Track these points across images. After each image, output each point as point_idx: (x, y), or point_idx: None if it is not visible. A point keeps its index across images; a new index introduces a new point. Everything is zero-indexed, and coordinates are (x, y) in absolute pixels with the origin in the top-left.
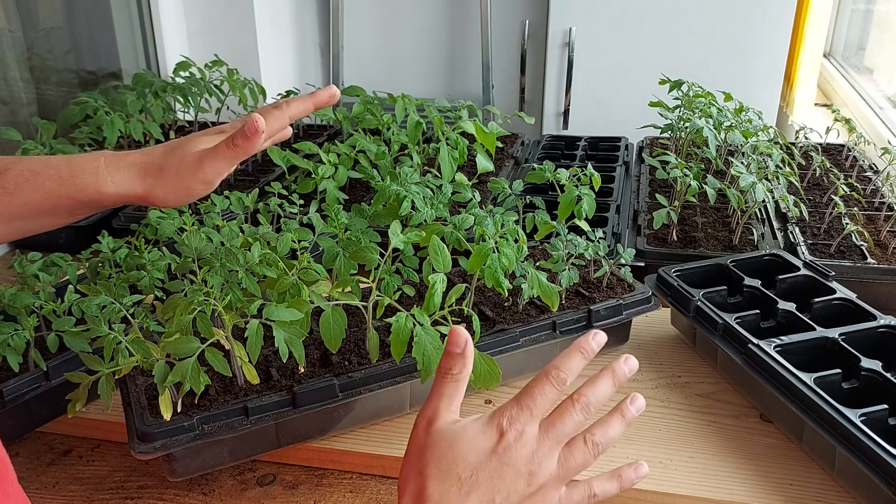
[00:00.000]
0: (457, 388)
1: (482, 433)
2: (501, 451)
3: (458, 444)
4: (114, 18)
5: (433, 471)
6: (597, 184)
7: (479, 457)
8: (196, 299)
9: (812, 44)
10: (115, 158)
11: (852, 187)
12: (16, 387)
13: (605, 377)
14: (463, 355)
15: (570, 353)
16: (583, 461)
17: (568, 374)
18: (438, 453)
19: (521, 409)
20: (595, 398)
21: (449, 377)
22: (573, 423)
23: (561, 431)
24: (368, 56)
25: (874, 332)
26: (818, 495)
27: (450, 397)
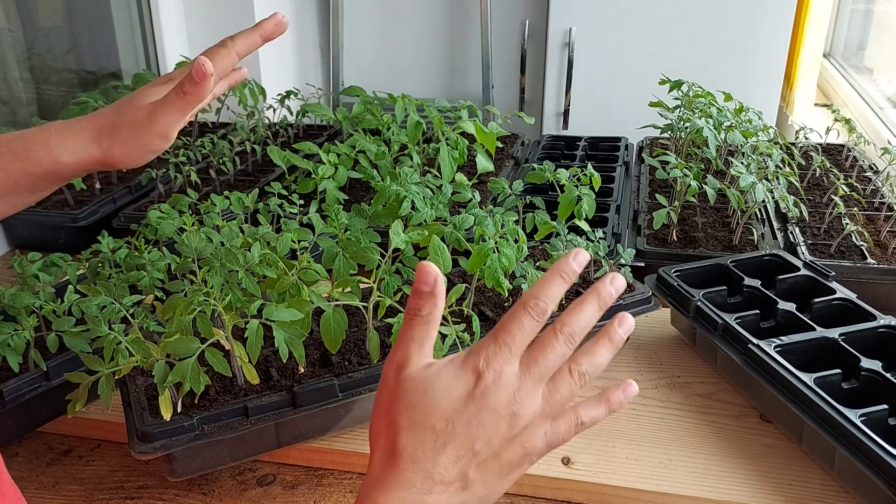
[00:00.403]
0: (427, 330)
1: (457, 377)
2: (479, 396)
3: (431, 392)
4: (114, 18)
5: (405, 422)
6: (597, 184)
7: (455, 404)
8: (196, 299)
9: (812, 44)
10: (66, 126)
11: (852, 187)
12: (16, 387)
13: (590, 301)
14: (433, 293)
15: (549, 279)
16: (569, 394)
17: (548, 303)
18: (410, 403)
19: (498, 346)
20: (580, 326)
21: (418, 319)
22: (556, 355)
23: (543, 366)
24: (368, 56)
25: (874, 332)
26: (818, 495)
27: (420, 341)
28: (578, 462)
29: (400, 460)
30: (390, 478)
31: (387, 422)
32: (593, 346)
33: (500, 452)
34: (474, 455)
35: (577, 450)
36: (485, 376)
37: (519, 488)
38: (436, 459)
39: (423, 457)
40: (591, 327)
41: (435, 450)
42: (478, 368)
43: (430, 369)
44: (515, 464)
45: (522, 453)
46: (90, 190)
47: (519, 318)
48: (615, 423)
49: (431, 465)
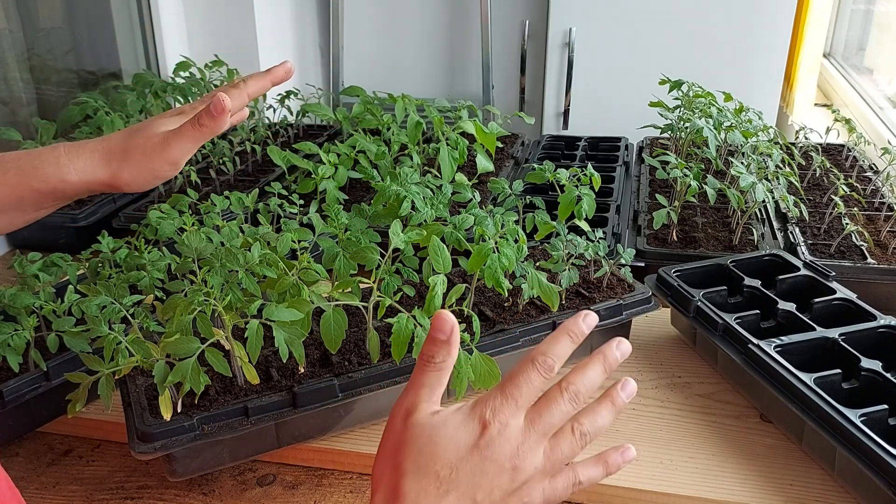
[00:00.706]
0: (439, 377)
1: (463, 426)
2: (484, 446)
3: (438, 439)
4: (114, 18)
5: (410, 467)
6: (597, 184)
7: (460, 452)
8: (196, 299)
9: (812, 44)
10: (76, 147)
11: (852, 187)
12: (16, 387)
13: (596, 363)
14: (448, 343)
15: (557, 337)
16: (570, 452)
17: (555, 360)
18: (416, 448)
19: (505, 399)
20: (584, 387)
21: (431, 366)
22: (560, 413)
23: (548, 423)
24: (368, 56)
25: (874, 332)
26: (818, 495)
27: (431, 388)
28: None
29: (401, 502)
30: None
31: (391, 465)
32: (596, 406)
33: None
34: (475, 503)
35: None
36: (490, 427)
37: None
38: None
39: (426, 500)
40: (596, 388)
41: (438, 496)
42: (484, 419)
43: (438, 416)
44: None
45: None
46: None
47: (527, 373)
48: (615, 423)
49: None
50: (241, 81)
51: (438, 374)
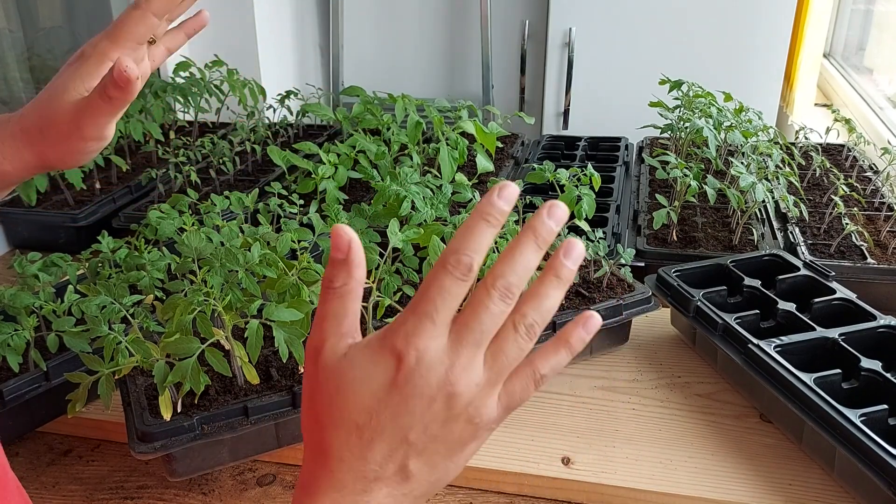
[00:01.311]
0: (343, 305)
1: (374, 364)
2: (402, 382)
3: (348, 384)
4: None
5: (326, 419)
6: (597, 184)
7: (376, 395)
8: (196, 299)
9: (812, 44)
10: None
11: (852, 187)
12: (16, 387)
13: (525, 241)
14: (347, 262)
15: (470, 225)
16: (517, 353)
17: (473, 256)
18: (328, 398)
19: (418, 319)
20: (516, 276)
21: (331, 292)
22: (492, 316)
23: (478, 331)
24: (368, 56)
25: (874, 332)
26: (818, 495)
27: (336, 318)
28: (578, 462)
29: (328, 460)
30: (320, 480)
31: (311, 418)
32: (538, 287)
33: (441, 436)
34: (410, 445)
35: (577, 450)
36: (406, 357)
37: (519, 488)
38: (364, 457)
39: (350, 455)
40: (530, 274)
41: (361, 447)
42: (397, 349)
43: (346, 357)
44: (467, 438)
45: (472, 428)
46: (90, 190)
47: (439, 280)
48: (615, 423)
49: (361, 463)
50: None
51: (342, 301)
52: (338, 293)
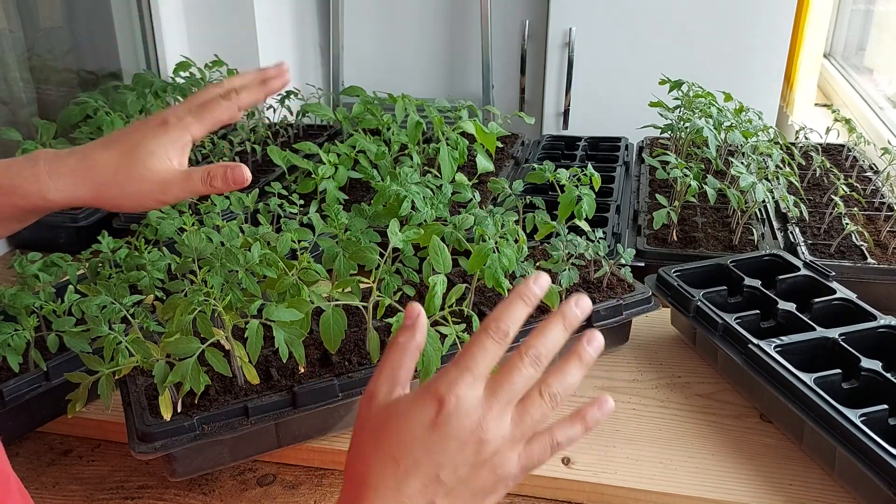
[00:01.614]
0: (402, 359)
1: (416, 405)
2: (441, 423)
3: (391, 421)
4: (114, 18)
5: (369, 451)
6: (597, 184)
7: (415, 432)
8: (196, 299)
9: (812, 44)
10: (58, 162)
11: (852, 187)
12: (16, 387)
13: (555, 322)
14: (413, 327)
15: (510, 302)
16: (540, 416)
17: (510, 325)
18: (373, 432)
19: (460, 371)
20: (546, 348)
21: (394, 346)
22: (523, 378)
23: (510, 390)
24: (368, 56)
25: (874, 332)
26: (818, 495)
27: (392, 369)
28: (578, 462)
29: (365, 490)
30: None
31: (356, 451)
32: (563, 365)
33: (468, 480)
34: (440, 484)
35: (577, 450)
36: (446, 402)
37: (519, 488)
38: (399, 489)
39: (386, 487)
40: (557, 349)
41: (397, 479)
42: (439, 394)
43: (394, 401)
44: (489, 489)
45: (494, 479)
46: None
47: (480, 341)
48: (615, 424)
49: (395, 495)
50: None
51: (401, 355)
52: (401, 347)
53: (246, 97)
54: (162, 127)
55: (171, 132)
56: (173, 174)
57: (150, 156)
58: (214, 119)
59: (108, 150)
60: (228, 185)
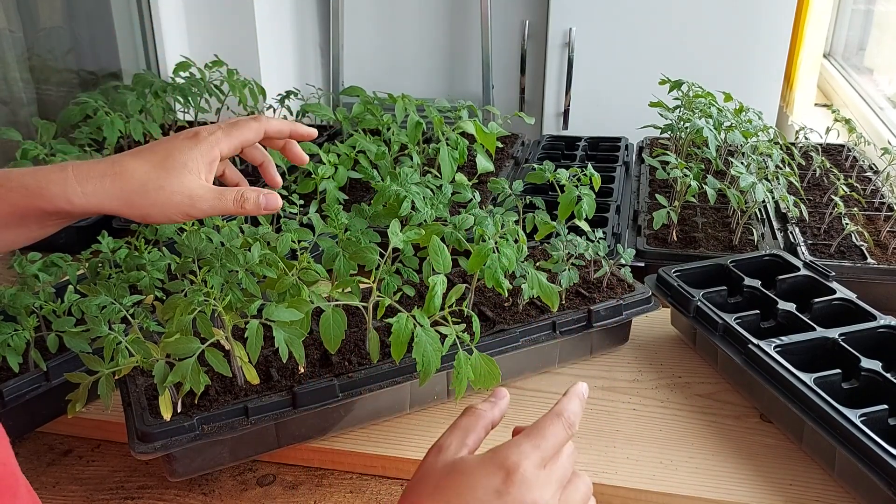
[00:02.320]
0: (475, 423)
1: (484, 469)
2: (505, 492)
3: (456, 476)
4: (114, 18)
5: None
6: (597, 184)
7: (477, 493)
8: (196, 299)
9: (812, 44)
10: (86, 169)
11: (852, 187)
12: (16, 387)
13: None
14: (495, 404)
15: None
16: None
17: (576, 420)
18: (436, 483)
19: (533, 448)
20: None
21: (471, 411)
22: (571, 463)
23: (562, 474)
24: (368, 56)
25: (874, 333)
26: (818, 495)
27: (465, 430)
28: (579, 462)
29: None
30: None
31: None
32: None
33: None
34: None
35: (578, 450)
36: (515, 475)
37: None
38: None
39: None
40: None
41: None
42: (508, 464)
43: (462, 459)
44: None
45: None
46: None
47: (554, 425)
48: (615, 424)
49: None
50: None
51: (477, 420)
52: (478, 413)
53: (274, 125)
54: (193, 140)
55: (201, 145)
56: (204, 190)
57: (182, 167)
58: (243, 137)
59: (138, 159)
60: (259, 211)
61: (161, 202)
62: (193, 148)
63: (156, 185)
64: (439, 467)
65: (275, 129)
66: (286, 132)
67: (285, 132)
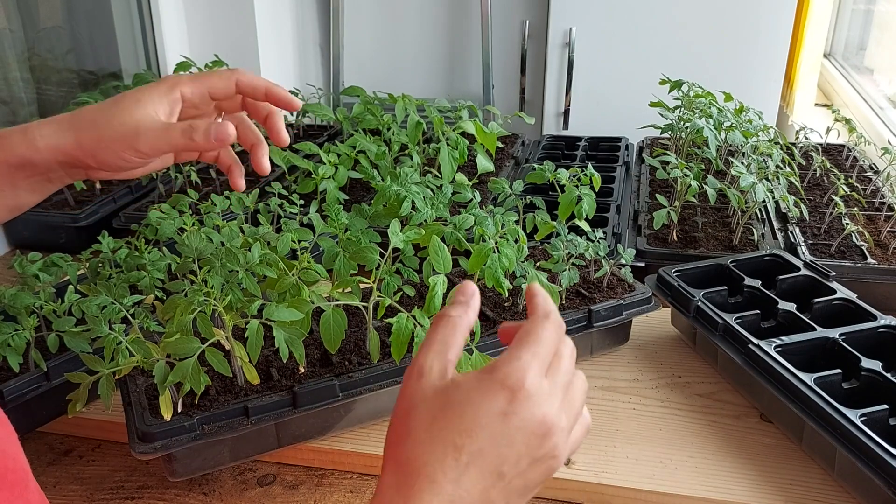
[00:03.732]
0: (454, 332)
1: (484, 391)
2: (513, 412)
3: (455, 404)
4: (114, 18)
5: (423, 436)
6: (597, 184)
7: (482, 420)
8: (196, 299)
9: (812, 44)
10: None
11: (852, 187)
12: (16, 387)
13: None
14: (466, 303)
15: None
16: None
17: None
18: (430, 415)
19: (531, 358)
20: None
21: (445, 319)
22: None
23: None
24: (368, 56)
25: (874, 332)
26: (818, 495)
27: (444, 343)
28: (579, 462)
29: (416, 479)
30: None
31: (401, 433)
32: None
33: (526, 472)
34: (500, 477)
35: (578, 450)
36: (520, 392)
37: None
38: (458, 481)
39: (443, 477)
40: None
41: (457, 470)
42: (511, 383)
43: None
44: (538, 483)
45: (546, 472)
46: (90, 190)
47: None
48: (615, 423)
49: (453, 486)
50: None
51: (454, 329)
52: (452, 321)
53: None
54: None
55: (161, 85)
56: (153, 122)
57: (134, 103)
58: (210, 83)
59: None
60: (209, 141)
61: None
62: (153, 87)
63: (105, 119)
64: (429, 396)
65: (247, 81)
66: (261, 88)
67: (260, 88)
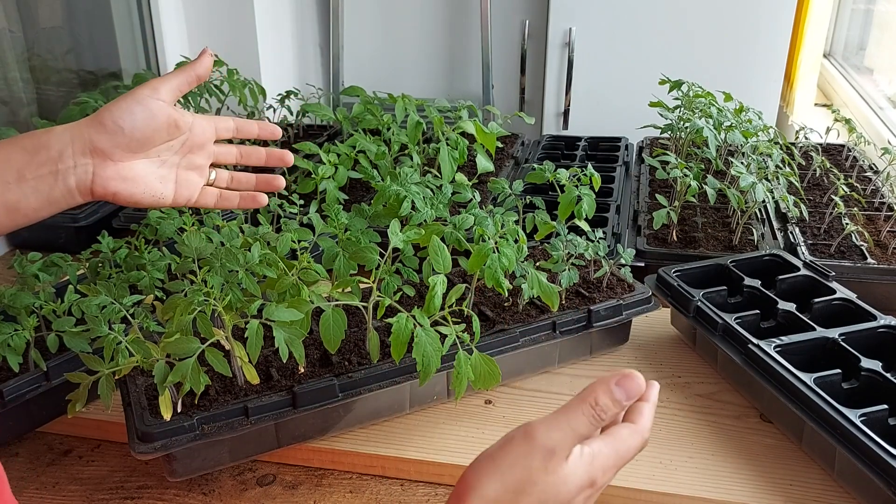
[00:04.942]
0: (592, 427)
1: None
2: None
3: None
4: (114, 18)
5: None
6: (597, 184)
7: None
8: (196, 299)
9: (812, 44)
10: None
11: (852, 187)
12: (16, 387)
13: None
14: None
15: (651, 411)
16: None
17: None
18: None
19: (614, 465)
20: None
21: (593, 413)
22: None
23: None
24: (368, 56)
25: (874, 333)
26: (818, 495)
27: (576, 433)
28: None
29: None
30: None
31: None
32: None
33: None
34: None
35: None
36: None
37: None
38: None
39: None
40: None
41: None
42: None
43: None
44: None
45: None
46: None
47: (636, 442)
48: None
49: None
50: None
51: (595, 424)
52: (598, 417)
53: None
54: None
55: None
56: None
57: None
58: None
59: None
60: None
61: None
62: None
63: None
64: (551, 479)
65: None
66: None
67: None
